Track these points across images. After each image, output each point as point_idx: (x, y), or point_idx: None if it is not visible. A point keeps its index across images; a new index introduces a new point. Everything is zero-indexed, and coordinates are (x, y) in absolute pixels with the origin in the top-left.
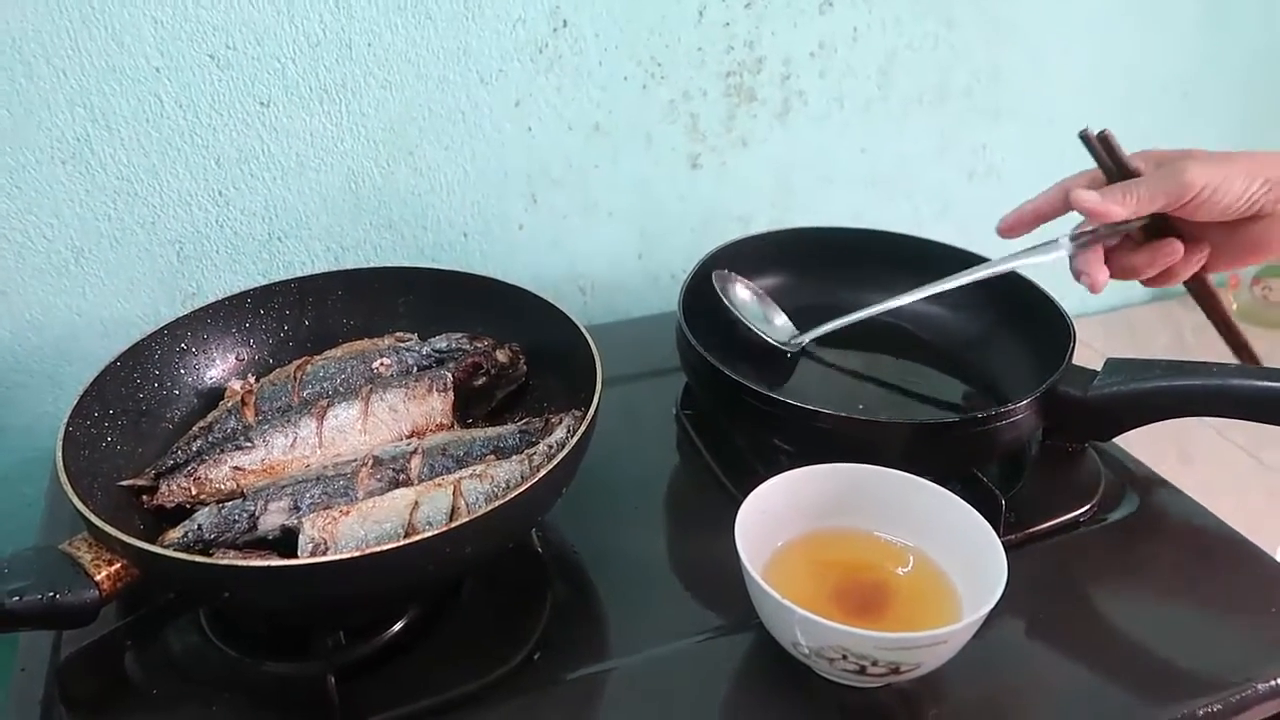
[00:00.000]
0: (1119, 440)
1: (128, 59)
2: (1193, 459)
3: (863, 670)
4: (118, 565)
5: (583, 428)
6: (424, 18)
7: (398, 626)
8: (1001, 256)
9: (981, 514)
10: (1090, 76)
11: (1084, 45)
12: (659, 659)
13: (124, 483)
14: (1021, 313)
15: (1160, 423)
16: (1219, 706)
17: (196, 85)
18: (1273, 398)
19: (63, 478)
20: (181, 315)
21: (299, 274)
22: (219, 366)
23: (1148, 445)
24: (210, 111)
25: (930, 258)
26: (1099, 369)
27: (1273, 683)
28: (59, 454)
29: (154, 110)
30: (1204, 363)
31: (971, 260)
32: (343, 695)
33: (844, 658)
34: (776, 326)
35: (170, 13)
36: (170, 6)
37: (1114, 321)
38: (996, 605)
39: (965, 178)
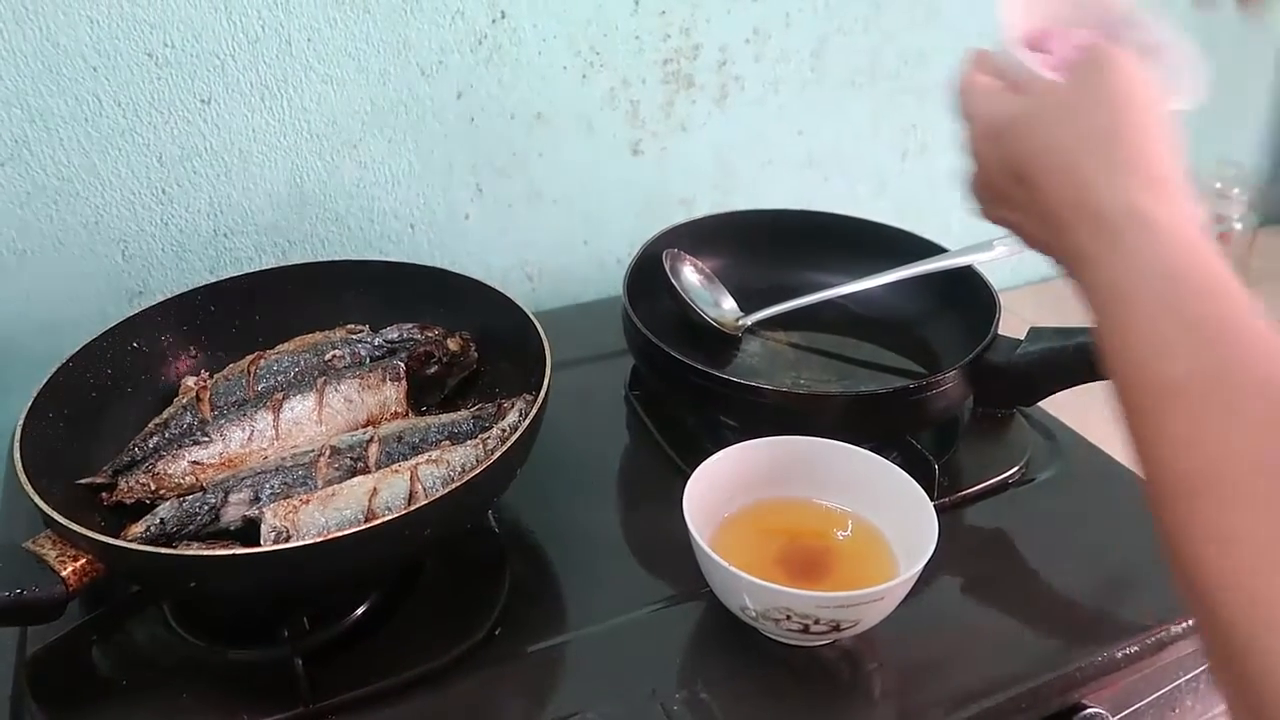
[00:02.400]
0: (1047, 404)
1: (64, 59)
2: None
3: (806, 629)
4: (83, 561)
5: (534, 410)
6: (362, 12)
7: (362, 609)
8: (949, 252)
9: (916, 478)
10: None
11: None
12: (615, 629)
13: (82, 481)
14: (955, 289)
15: (1087, 385)
16: (1137, 648)
17: (135, 84)
18: None
19: (23, 478)
20: (132, 314)
21: (246, 269)
22: (172, 364)
23: (1077, 406)
24: (150, 110)
25: (868, 237)
26: (1041, 331)
27: (1185, 625)
28: (17, 455)
29: (93, 110)
30: None
31: (906, 240)
32: (310, 678)
33: (788, 618)
34: (723, 309)
35: (106, 11)
36: (105, 5)
37: (1043, 291)
38: (932, 564)
39: (899, 157)
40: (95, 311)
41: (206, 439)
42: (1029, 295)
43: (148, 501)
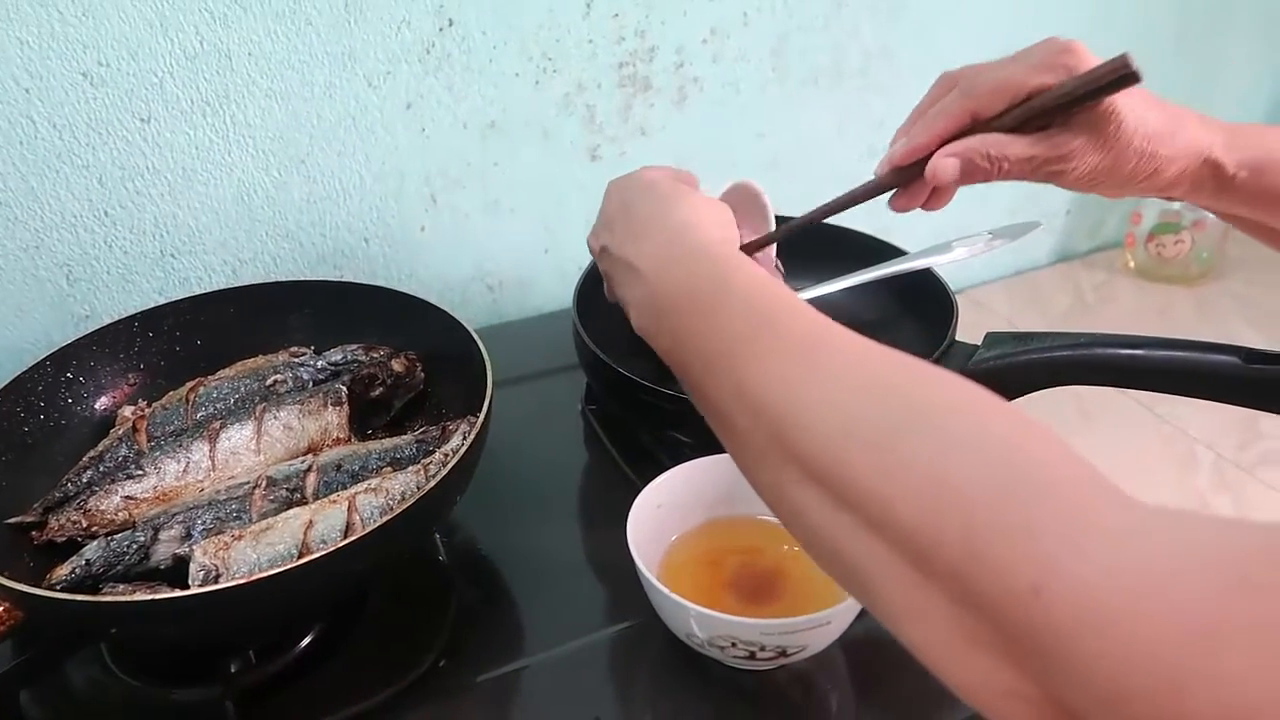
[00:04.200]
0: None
1: None
2: (1092, 414)
3: (752, 655)
4: (1, 608)
5: (473, 435)
6: (304, 24)
7: (305, 642)
8: (908, 255)
9: None
10: (978, 49)
11: (971, 18)
12: (570, 654)
13: (10, 520)
14: (914, 292)
15: (1053, 390)
16: None
17: (71, 104)
18: (1137, 366)
19: None
20: (64, 344)
21: (195, 290)
22: (109, 393)
23: (1050, 403)
24: (88, 130)
25: (828, 240)
26: (998, 336)
27: None
28: None
29: (27, 132)
30: (1076, 333)
31: (871, 244)
32: (254, 716)
33: (733, 645)
34: None
35: (36, 32)
36: (35, 26)
37: (1017, 285)
38: None
39: (866, 155)
40: (41, 337)
41: (141, 472)
42: (1002, 288)
43: (80, 539)
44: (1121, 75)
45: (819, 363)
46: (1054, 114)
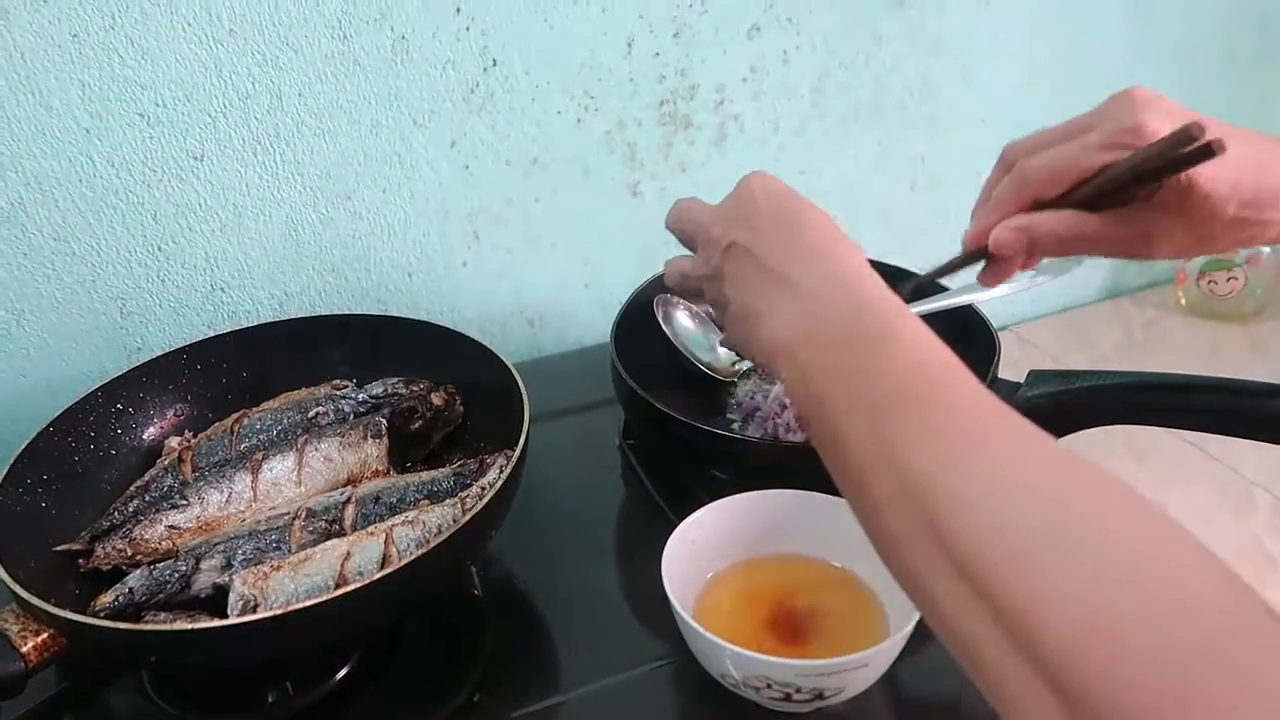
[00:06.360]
0: (1071, 436)
1: (57, 122)
2: (1141, 454)
3: (788, 697)
4: (44, 635)
5: (509, 469)
6: (352, 65)
7: (341, 674)
8: (949, 291)
9: None
10: (1020, 81)
11: (1011, 51)
12: (605, 691)
13: (58, 548)
14: (956, 329)
15: (1102, 429)
16: None
17: (128, 144)
18: (1186, 407)
19: None
20: (115, 376)
21: (243, 323)
22: (157, 424)
23: (1099, 442)
24: (144, 168)
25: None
26: (1042, 374)
27: None
28: None
29: (86, 170)
30: (1123, 372)
31: (908, 279)
32: None
33: (768, 686)
34: (718, 353)
35: (97, 75)
36: (97, 69)
37: (1065, 322)
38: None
39: (906, 189)
40: (95, 369)
41: (185, 502)
42: (1048, 326)
43: (125, 568)
44: (1196, 149)
45: (981, 452)
46: (1130, 190)
